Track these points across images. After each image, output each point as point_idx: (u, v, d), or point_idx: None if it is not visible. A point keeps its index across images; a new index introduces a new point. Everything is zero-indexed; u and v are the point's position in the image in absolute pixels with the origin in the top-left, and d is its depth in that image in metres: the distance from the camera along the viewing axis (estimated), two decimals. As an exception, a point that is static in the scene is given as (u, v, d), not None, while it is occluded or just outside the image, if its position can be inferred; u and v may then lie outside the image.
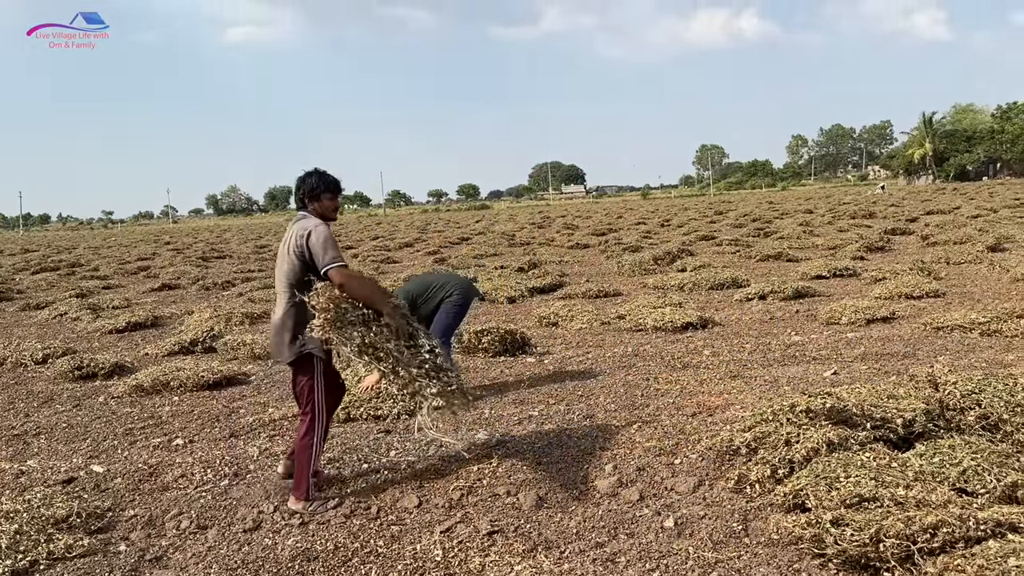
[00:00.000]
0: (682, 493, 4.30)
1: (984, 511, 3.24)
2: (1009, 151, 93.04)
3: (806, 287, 11.52)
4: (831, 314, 9.21)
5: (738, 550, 3.58)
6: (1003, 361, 6.65)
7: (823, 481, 3.78)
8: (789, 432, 4.45)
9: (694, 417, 5.70)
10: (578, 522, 4.00)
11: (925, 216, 27.07)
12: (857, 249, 16.52)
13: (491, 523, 4.01)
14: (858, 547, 3.18)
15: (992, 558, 2.85)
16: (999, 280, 11.63)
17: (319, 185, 4.33)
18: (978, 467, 3.76)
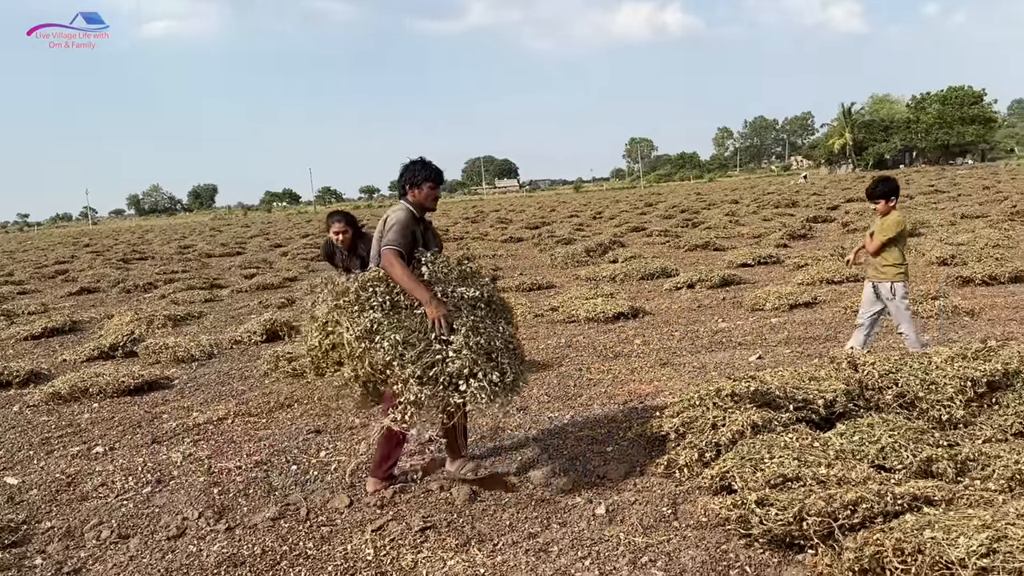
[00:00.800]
0: (613, 480, 4.34)
1: (901, 486, 3.35)
2: (923, 140, 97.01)
3: (732, 275, 11.78)
4: (756, 301, 9.44)
5: (668, 534, 3.63)
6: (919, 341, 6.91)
7: (748, 463, 3.86)
8: (715, 416, 4.53)
9: (625, 405, 5.77)
10: (511, 514, 4.00)
11: (845, 204, 27.97)
12: (781, 237, 16.97)
13: (424, 519, 3.98)
14: (782, 526, 3.26)
15: (908, 531, 2.94)
16: (915, 264, 12.09)
17: (421, 173, 4.28)
18: (895, 444, 3.90)
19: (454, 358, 3.74)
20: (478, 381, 3.72)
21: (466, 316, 3.90)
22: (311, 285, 5.87)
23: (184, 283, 16.15)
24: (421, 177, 4.26)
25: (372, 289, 3.97)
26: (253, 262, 21.02)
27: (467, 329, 3.83)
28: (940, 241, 13.52)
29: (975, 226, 15.74)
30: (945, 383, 4.65)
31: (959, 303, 8.22)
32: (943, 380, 4.67)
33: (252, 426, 5.89)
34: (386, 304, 3.93)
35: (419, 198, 4.27)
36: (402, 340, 3.79)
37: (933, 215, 19.10)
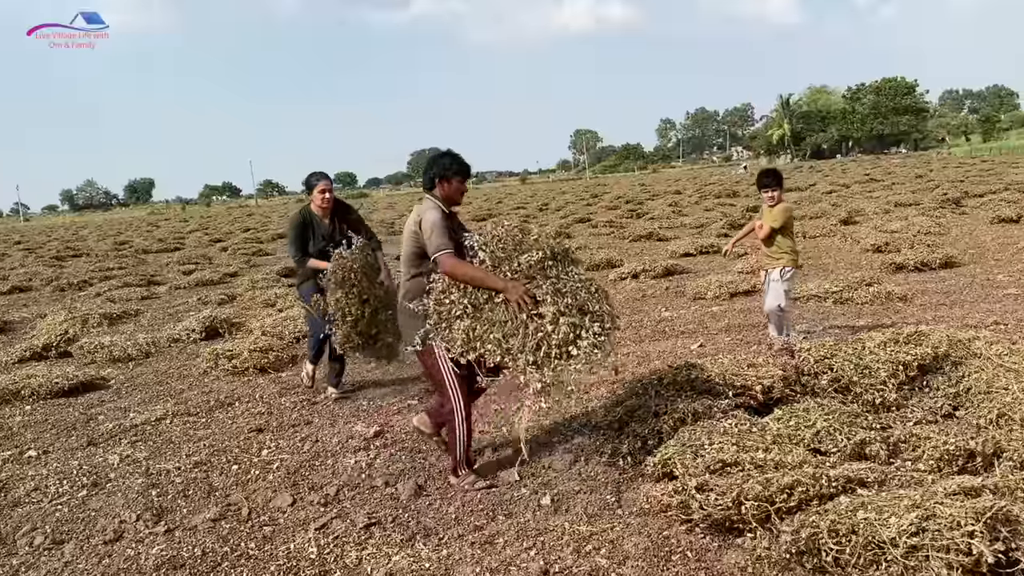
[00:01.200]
0: (559, 470, 4.37)
1: (835, 469, 3.44)
2: (859, 130, 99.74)
3: (675, 265, 11.95)
4: (698, 290, 9.59)
5: (612, 522, 3.67)
6: (854, 326, 7.11)
7: (689, 450, 3.92)
8: (657, 404, 4.60)
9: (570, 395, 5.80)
10: (457, 507, 3.99)
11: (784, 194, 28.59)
12: (722, 227, 17.25)
13: (368, 516, 3.95)
14: (722, 511, 3.32)
15: (843, 513, 3.03)
16: (851, 251, 12.43)
17: (452, 166, 4.23)
18: (830, 428, 4.00)
19: (554, 329, 3.58)
20: (585, 340, 3.58)
21: (543, 282, 3.73)
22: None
23: (120, 280, 15.70)
24: (453, 171, 4.23)
25: (449, 301, 3.86)
26: (192, 258, 20.54)
27: (552, 295, 3.66)
28: (875, 228, 13.90)
29: (908, 214, 16.23)
30: (878, 367, 4.79)
31: (892, 289, 8.47)
32: (876, 365, 4.82)
33: (191, 426, 5.76)
34: (468, 309, 3.81)
35: (448, 192, 4.25)
36: (502, 336, 3.67)
37: (868, 203, 19.64)
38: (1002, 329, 6.43)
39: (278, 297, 11.40)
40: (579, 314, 3.65)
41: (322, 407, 5.99)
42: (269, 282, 13.76)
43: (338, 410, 5.87)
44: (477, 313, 3.79)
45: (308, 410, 5.93)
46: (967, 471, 3.54)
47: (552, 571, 3.25)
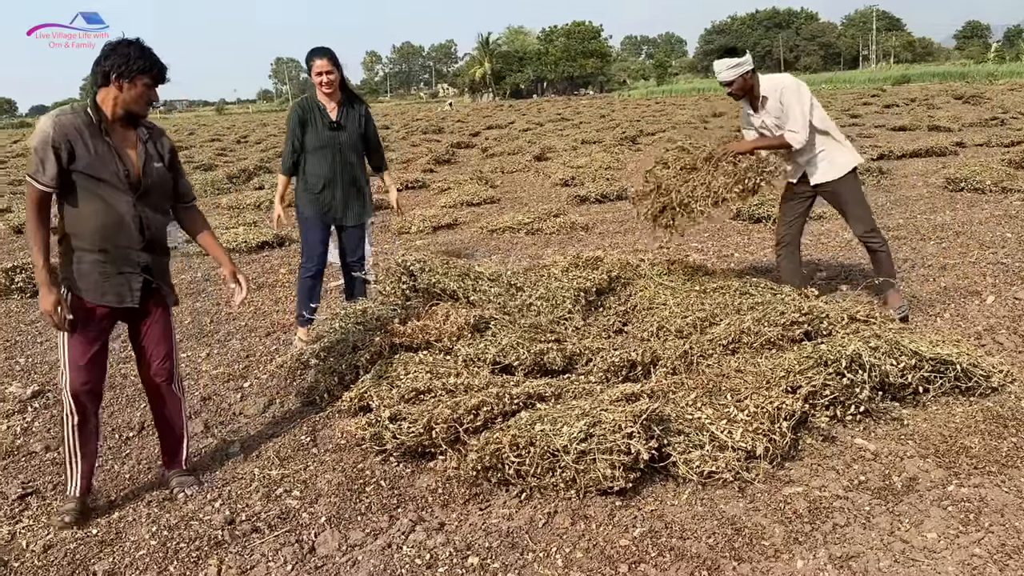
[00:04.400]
0: (251, 416, 4.17)
1: (518, 387, 3.63)
2: (552, 71, 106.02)
3: (381, 200, 11.85)
4: (402, 225, 9.63)
5: (305, 461, 3.57)
6: (542, 255, 7.58)
7: (386, 381, 3.93)
8: (356, 339, 4.53)
9: (268, 337, 5.56)
10: (132, 466, 3.64)
11: (486, 131, 29.62)
12: (427, 162, 17.47)
13: (23, 485, 3.46)
14: (414, 437, 3.37)
15: (523, 427, 3.21)
16: (543, 185, 13.21)
17: (137, 61, 2.99)
18: (514, 343, 4.21)
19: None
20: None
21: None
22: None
23: None
24: (137, 68, 2.98)
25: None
26: None
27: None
28: (563, 164, 14.92)
29: (592, 150, 17.60)
30: (564, 297, 5.10)
31: (576, 219, 9.16)
32: (562, 295, 5.12)
33: None
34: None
35: (128, 98, 3.01)
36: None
37: (559, 141, 21.00)
38: (664, 252, 7.23)
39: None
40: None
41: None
42: None
43: None
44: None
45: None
46: (630, 379, 3.94)
47: (239, 520, 3.08)
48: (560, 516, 2.97)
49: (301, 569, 2.75)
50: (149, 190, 3.13)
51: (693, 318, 4.48)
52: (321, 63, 4.87)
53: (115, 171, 3.02)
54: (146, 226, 3.12)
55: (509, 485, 3.16)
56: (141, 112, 3.10)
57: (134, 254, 3.11)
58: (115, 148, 3.03)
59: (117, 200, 3.03)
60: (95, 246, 3.03)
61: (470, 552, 2.79)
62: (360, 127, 5.06)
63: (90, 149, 2.97)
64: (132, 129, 3.12)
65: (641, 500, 3.06)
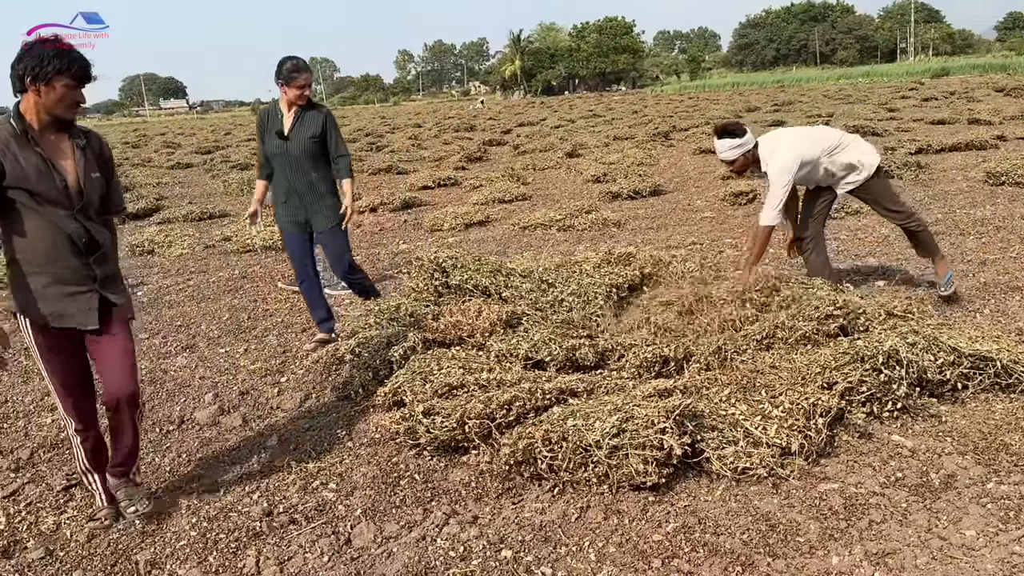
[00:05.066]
0: (288, 410, 4.23)
1: (550, 383, 3.65)
2: (584, 67, 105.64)
3: (414, 197, 11.95)
4: (435, 221, 9.69)
5: (341, 455, 3.62)
6: (574, 251, 7.58)
7: (419, 376, 3.96)
8: (390, 334, 4.58)
9: (303, 333, 5.63)
10: (172, 459, 3.72)
11: (517, 128, 29.63)
12: (459, 160, 17.53)
13: (68, 477, 3.56)
14: (447, 432, 3.40)
15: (555, 422, 3.23)
16: (574, 182, 13.19)
17: (52, 62, 2.71)
18: (546, 339, 4.23)
19: None
20: None
21: None
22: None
23: None
24: (52, 68, 2.70)
25: None
26: None
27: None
28: (595, 161, 14.87)
29: (624, 147, 17.53)
30: (596, 293, 5.10)
31: (608, 216, 9.14)
32: (593, 290, 5.13)
33: None
34: None
35: (48, 101, 2.75)
36: None
37: (591, 137, 20.95)
38: (697, 248, 7.19)
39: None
40: None
41: (12, 364, 5.26)
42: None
43: (31, 366, 5.19)
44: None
45: (-5, 368, 5.18)
46: (663, 375, 3.93)
47: (276, 512, 3.14)
48: (593, 511, 2.98)
49: (338, 560, 2.80)
50: (92, 201, 2.87)
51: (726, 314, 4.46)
52: (306, 77, 4.80)
53: (52, 184, 2.75)
54: (94, 240, 2.88)
55: (542, 480, 3.18)
56: (67, 116, 2.80)
57: (86, 271, 2.88)
58: (48, 159, 2.76)
59: (58, 215, 2.78)
60: (44, 267, 2.81)
61: (503, 545, 2.81)
62: (315, 134, 4.86)
63: (20, 162, 2.70)
64: (66, 137, 2.84)
65: (674, 496, 3.06)
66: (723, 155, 4.90)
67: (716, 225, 8.51)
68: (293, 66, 4.77)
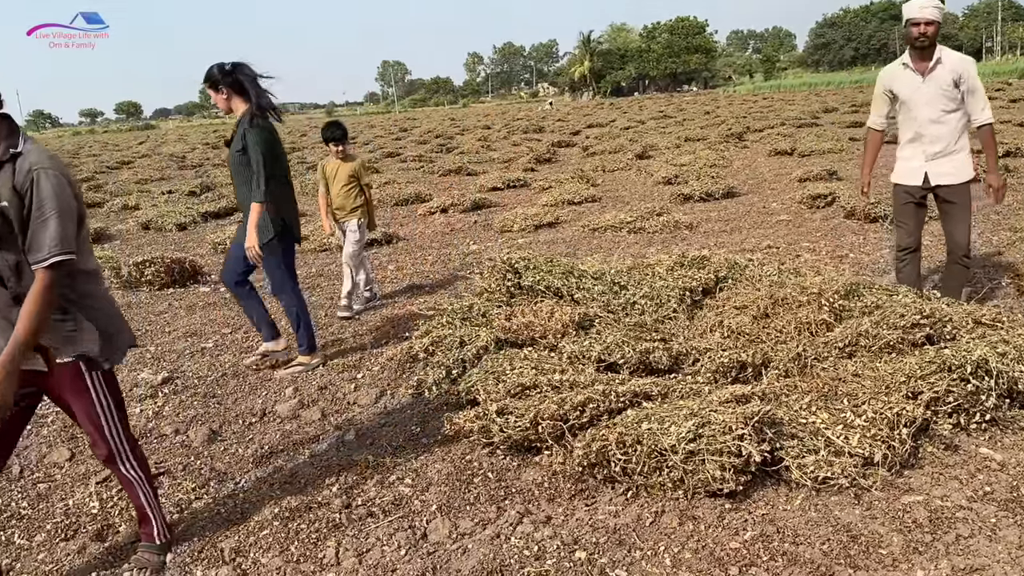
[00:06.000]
0: (364, 406, 4.32)
1: (624, 385, 3.64)
2: (655, 68, 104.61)
3: (483, 199, 12.04)
4: (504, 223, 9.74)
5: (416, 451, 3.69)
6: (645, 253, 7.52)
7: (492, 376, 3.99)
8: (463, 334, 4.63)
9: (378, 331, 5.74)
10: (255, 450, 3.84)
11: (586, 129, 29.53)
12: (528, 161, 17.58)
13: (156, 465, 3.71)
14: (520, 432, 3.43)
15: (629, 425, 3.22)
16: (644, 184, 13.09)
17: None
18: (619, 341, 4.21)
19: None
20: None
21: None
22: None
23: None
24: None
25: None
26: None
27: None
28: (666, 162, 14.73)
29: (696, 148, 17.30)
30: (669, 296, 5.05)
31: (680, 218, 9.04)
32: (666, 293, 5.08)
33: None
34: None
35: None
36: None
37: (661, 138, 20.75)
38: (774, 252, 7.06)
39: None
40: None
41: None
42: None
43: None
44: None
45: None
46: (740, 381, 3.87)
47: (355, 504, 3.22)
48: (668, 516, 2.96)
49: (414, 554, 2.85)
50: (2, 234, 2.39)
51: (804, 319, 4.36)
52: (207, 87, 4.57)
53: None
54: (12, 275, 2.44)
55: (615, 482, 3.17)
56: None
57: (9, 313, 2.45)
58: None
59: None
60: None
61: (577, 547, 2.82)
62: (238, 149, 4.57)
63: None
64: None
65: (751, 503, 3.01)
66: (924, 12, 4.45)
67: (792, 229, 8.33)
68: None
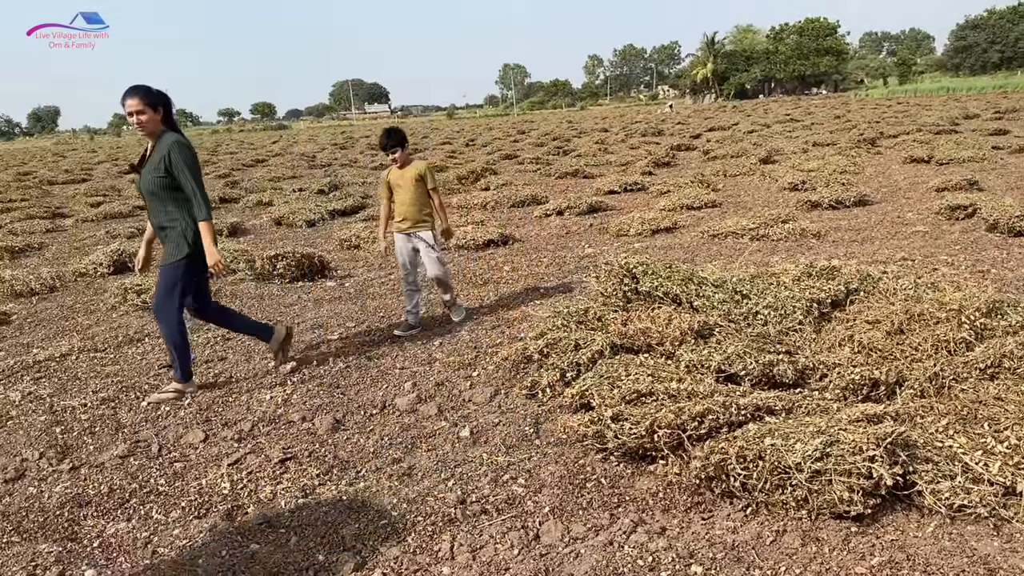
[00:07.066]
0: (479, 404, 4.38)
1: (745, 397, 3.53)
2: (782, 70, 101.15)
3: (600, 202, 11.98)
4: (620, 226, 9.65)
5: (529, 452, 3.70)
6: (769, 262, 7.28)
7: (606, 381, 3.96)
8: (578, 337, 4.62)
9: (493, 330, 5.80)
10: (375, 441, 3.96)
11: (707, 133, 28.89)
12: (646, 165, 17.37)
13: (284, 451, 3.88)
14: (636, 439, 3.38)
15: (751, 439, 3.12)
16: (768, 189, 12.68)
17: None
18: (740, 352, 4.09)
19: None
20: None
21: None
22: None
23: (23, 212, 14.87)
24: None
25: None
26: (100, 189, 19.56)
27: None
28: (793, 167, 14.21)
29: (825, 153, 16.61)
30: (794, 307, 4.86)
31: (807, 226, 8.70)
32: (791, 304, 4.88)
33: (99, 362, 5.53)
34: None
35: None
36: None
37: (787, 143, 20.04)
38: (909, 264, 6.68)
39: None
40: None
41: (236, 344, 5.83)
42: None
43: (254, 346, 5.72)
44: None
45: (222, 346, 5.77)
46: (871, 399, 3.69)
47: (469, 500, 3.27)
48: (789, 535, 2.85)
49: (527, 555, 2.86)
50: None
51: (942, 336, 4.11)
52: (130, 103, 4.38)
53: None
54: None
55: (733, 497, 3.08)
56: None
57: None
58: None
59: None
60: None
61: (693, 560, 2.76)
62: (159, 170, 4.42)
63: None
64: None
65: (880, 528, 2.86)
66: None
67: (929, 240, 7.86)
68: (124, 93, 4.43)
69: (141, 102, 4.39)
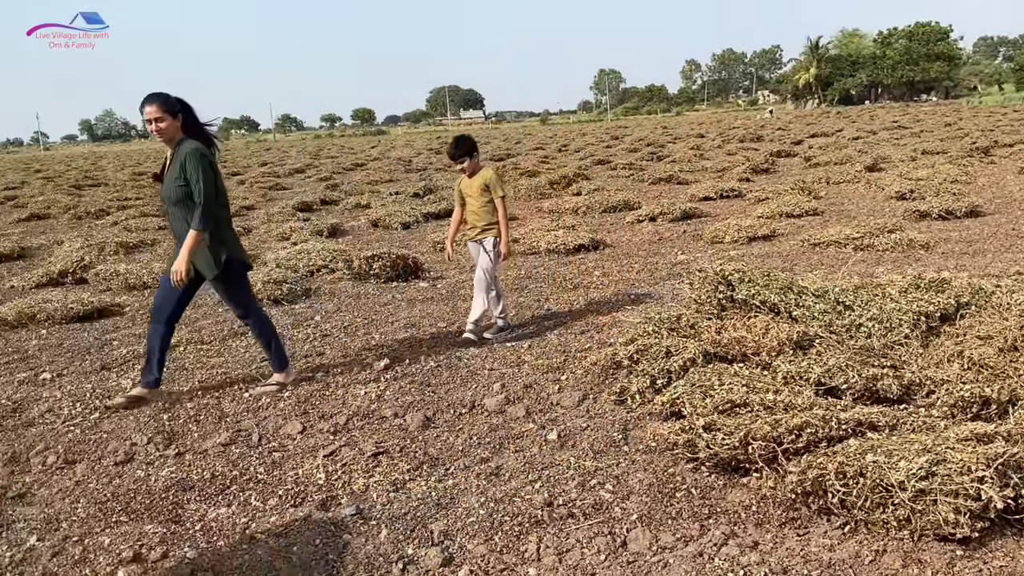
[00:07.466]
0: (567, 407, 4.37)
1: (846, 412, 3.40)
2: (889, 76, 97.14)
3: (694, 208, 11.79)
4: (715, 233, 9.47)
5: (617, 458, 3.67)
6: (873, 273, 6.99)
7: (698, 390, 3.89)
8: (669, 344, 4.55)
9: (582, 335, 5.78)
10: (464, 439, 4.00)
11: (809, 139, 28.03)
12: (744, 171, 16.98)
13: (376, 445, 3.97)
14: (728, 450, 3.30)
15: (852, 455, 3.00)
16: (874, 198, 12.20)
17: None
18: (842, 364, 3.94)
19: None
20: None
21: None
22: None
23: (138, 210, 15.75)
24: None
25: None
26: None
27: None
28: (900, 176, 13.62)
29: (935, 162, 15.87)
30: (901, 320, 4.65)
31: (915, 236, 8.32)
32: (897, 317, 4.67)
33: (204, 353, 5.80)
34: None
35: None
36: None
37: (895, 151, 19.24)
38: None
39: (293, 230, 11.42)
40: None
41: (334, 339, 6.00)
42: (285, 216, 13.78)
43: (350, 343, 5.88)
44: None
45: (320, 342, 5.95)
46: (981, 418, 3.49)
47: (556, 503, 3.26)
48: (890, 556, 2.72)
49: (614, 561, 2.84)
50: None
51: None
52: (148, 110, 4.41)
53: None
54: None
55: (831, 514, 2.97)
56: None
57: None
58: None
59: None
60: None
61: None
62: (179, 178, 4.45)
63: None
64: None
65: (987, 553, 2.71)
66: None
67: (1050, 254, 7.40)
68: (142, 101, 4.49)
69: (160, 109, 4.44)
